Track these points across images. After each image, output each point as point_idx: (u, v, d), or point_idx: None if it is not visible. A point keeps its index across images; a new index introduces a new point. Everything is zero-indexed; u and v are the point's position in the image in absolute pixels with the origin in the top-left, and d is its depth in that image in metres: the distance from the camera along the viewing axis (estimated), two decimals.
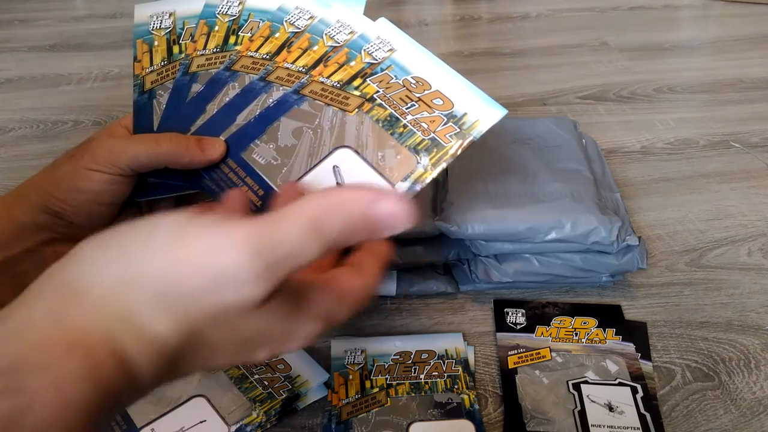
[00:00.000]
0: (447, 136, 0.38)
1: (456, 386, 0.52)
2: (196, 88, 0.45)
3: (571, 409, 0.50)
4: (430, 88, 0.39)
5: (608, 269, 0.60)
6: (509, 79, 1.07)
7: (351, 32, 0.44)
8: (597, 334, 0.57)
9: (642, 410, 0.50)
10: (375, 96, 0.40)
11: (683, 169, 0.81)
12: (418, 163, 0.37)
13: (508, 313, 0.60)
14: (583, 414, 0.50)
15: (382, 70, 0.41)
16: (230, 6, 0.46)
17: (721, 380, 0.53)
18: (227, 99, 0.44)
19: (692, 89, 1.02)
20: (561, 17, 1.36)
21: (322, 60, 0.43)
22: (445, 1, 1.54)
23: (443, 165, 0.37)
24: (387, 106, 0.39)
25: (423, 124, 0.38)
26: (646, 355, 0.55)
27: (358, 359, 0.55)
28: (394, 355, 0.55)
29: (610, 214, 0.60)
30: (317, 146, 0.40)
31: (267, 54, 0.44)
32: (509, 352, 0.56)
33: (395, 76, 0.40)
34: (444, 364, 0.54)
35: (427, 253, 0.61)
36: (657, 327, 0.58)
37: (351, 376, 0.53)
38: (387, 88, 0.40)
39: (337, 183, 0.37)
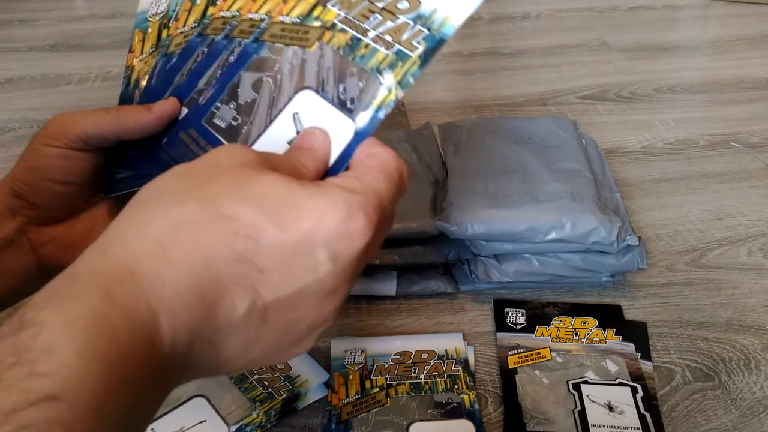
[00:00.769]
0: (413, 42, 0.33)
1: (456, 386, 0.52)
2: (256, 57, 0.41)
3: (571, 409, 0.50)
4: None
5: (608, 269, 0.60)
6: (509, 79, 1.07)
7: None
8: (597, 334, 0.57)
9: (642, 410, 0.50)
10: (336, 21, 0.36)
11: (683, 169, 0.81)
12: (381, 84, 0.33)
13: (508, 313, 0.60)
14: (583, 414, 0.50)
15: None
16: None
17: (721, 380, 0.53)
18: (194, 66, 0.41)
19: (692, 89, 1.02)
20: (561, 17, 1.36)
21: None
22: None
23: (410, 81, 0.33)
24: (348, 29, 0.35)
25: (387, 37, 0.34)
26: (646, 355, 0.55)
27: (358, 359, 0.55)
28: (394, 355, 0.55)
29: (610, 214, 0.60)
30: (277, 95, 0.36)
31: (237, 10, 0.41)
32: (509, 352, 0.56)
33: None
34: (444, 364, 0.54)
35: (427, 253, 0.61)
36: (657, 327, 0.58)
37: (351, 376, 0.53)
38: (348, 7, 0.36)
39: (297, 132, 0.35)
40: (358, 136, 0.33)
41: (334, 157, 0.33)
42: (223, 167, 0.27)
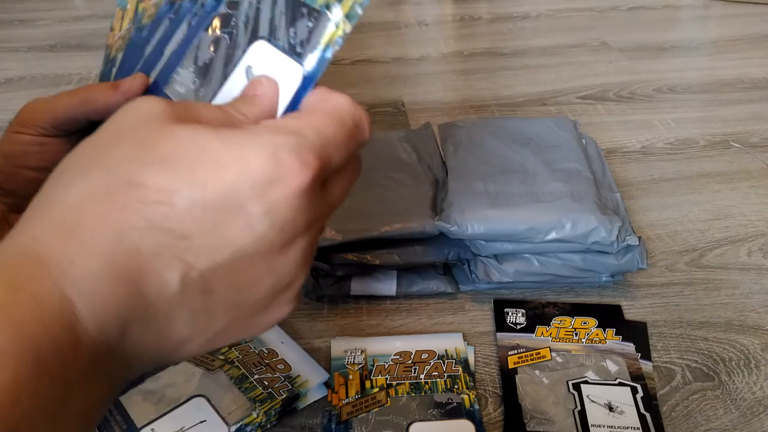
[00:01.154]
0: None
1: (456, 386, 0.52)
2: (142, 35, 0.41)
3: (571, 409, 0.50)
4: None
5: (608, 269, 0.60)
6: (509, 79, 1.07)
7: None
8: (597, 334, 0.57)
9: (642, 410, 0.50)
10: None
11: (683, 169, 0.81)
12: (329, 20, 0.31)
13: (508, 313, 0.60)
14: (583, 414, 0.50)
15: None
16: None
17: (721, 380, 0.53)
18: (161, 35, 0.39)
19: (692, 89, 1.02)
20: (561, 17, 1.36)
21: None
22: (444, 0, 1.54)
23: (358, 11, 0.31)
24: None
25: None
26: (646, 355, 0.55)
27: (358, 359, 0.55)
28: (394, 355, 0.55)
29: (610, 214, 0.60)
30: (232, 50, 0.35)
31: None
32: (509, 352, 0.56)
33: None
34: (444, 364, 0.54)
35: (427, 253, 0.61)
36: (657, 327, 0.58)
37: (351, 376, 0.53)
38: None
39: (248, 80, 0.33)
40: (306, 81, 0.31)
41: (282, 106, 0.31)
42: (127, 128, 0.24)
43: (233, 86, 0.34)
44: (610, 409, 0.50)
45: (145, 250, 0.22)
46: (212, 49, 0.36)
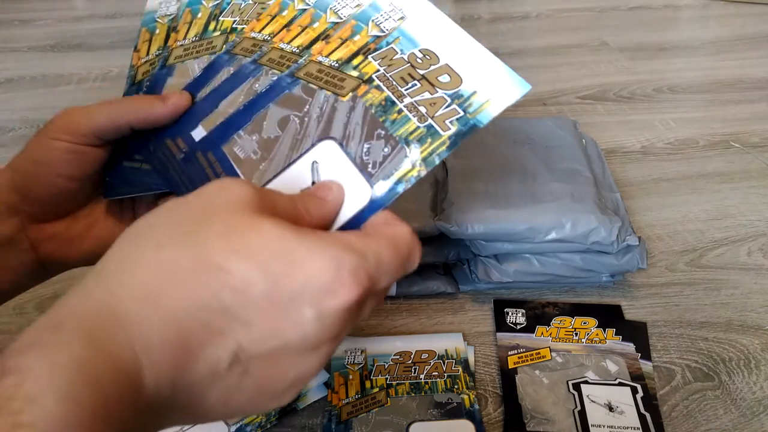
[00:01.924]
0: (447, 122, 0.32)
1: (456, 386, 0.52)
2: (172, 81, 0.41)
3: (571, 409, 0.50)
4: (438, 62, 0.34)
5: (608, 269, 0.60)
6: None
7: (358, 5, 0.38)
8: (597, 334, 0.57)
9: (642, 410, 0.50)
10: (374, 76, 0.34)
11: (683, 169, 0.81)
12: (406, 157, 0.32)
13: (508, 313, 0.60)
14: (583, 414, 0.50)
15: (388, 43, 0.35)
16: None
17: (721, 380, 0.53)
18: (218, 85, 0.39)
19: (692, 89, 1.02)
20: (561, 17, 1.36)
21: (321, 36, 0.37)
22: (444, 1, 1.54)
23: (435, 160, 0.31)
24: (385, 88, 0.34)
25: (421, 108, 0.33)
26: (646, 355, 0.55)
27: (358, 359, 0.55)
28: (394, 355, 0.55)
29: (610, 214, 0.60)
30: (301, 138, 0.35)
31: (270, 35, 0.40)
32: (509, 352, 0.56)
33: (401, 50, 0.35)
34: (444, 364, 0.54)
35: (427, 253, 0.61)
36: (657, 327, 0.58)
37: (351, 376, 0.53)
38: (389, 65, 0.34)
39: (313, 182, 0.33)
40: (373, 205, 0.31)
41: (343, 219, 0.31)
42: (217, 209, 0.26)
43: (296, 175, 0.34)
44: (610, 409, 0.50)
45: (212, 327, 0.24)
46: (279, 127, 0.36)
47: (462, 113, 0.32)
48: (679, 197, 0.75)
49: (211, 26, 0.42)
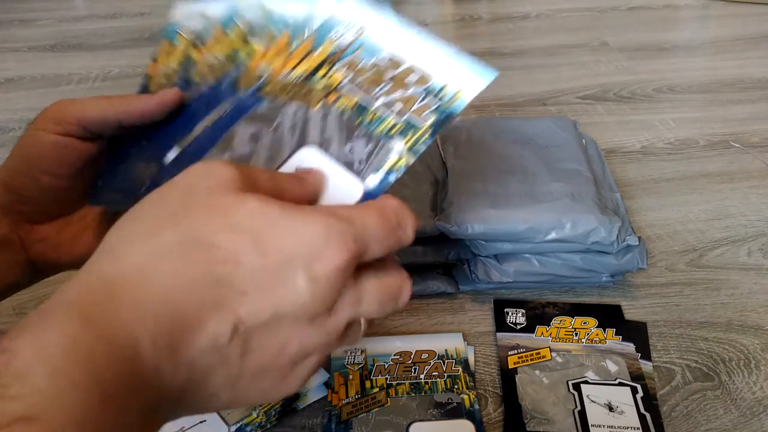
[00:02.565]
0: (424, 114, 0.33)
1: (456, 386, 0.52)
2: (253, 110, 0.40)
3: (571, 409, 0.50)
4: (404, 64, 0.35)
5: (608, 269, 0.60)
6: (509, 80, 1.07)
7: (315, 27, 0.39)
8: (597, 334, 0.57)
9: (642, 410, 0.50)
10: (341, 84, 0.35)
11: (683, 169, 0.81)
12: (391, 150, 0.33)
13: (508, 313, 0.60)
14: (583, 414, 0.50)
15: (351, 53, 0.36)
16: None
17: (721, 380, 0.53)
18: (193, 108, 0.40)
19: (692, 89, 1.02)
20: (561, 17, 1.36)
21: (283, 53, 0.38)
22: (445, 1, 1.54)
23: (421, 148, 0.32)
24: (355, 93, 0.35)
25: (396, 106, 0.34)
26: (646, 355, 0.55)
27: (358, 359, 0.55)
28: (394, 355, 0.55)
29: (610, 214, 0.60)
30: (277, 149, 0.36)
31: (246, 56, 0.40)
32: (509, 352, 0.56)
33: (365, 57, 0.36)
34: (444, 364, 0.54)
35: (427, 253, 0.61)
36: (657, 327, 0.58)
37: (351, 376, 0.53)
38: (355, 73, 0.36)
39: None
40: (368, 197, 0.32)
41: None
42: (200, 190, 0.26)
43: None
44: (610, 409, 0.50)
45: (208, 301, 0.24)
46: (251, 143, 0.36)
47: (438, 104, 0.33)
48: (679, 197, 0.75)
49: (238, 47, 0.42)
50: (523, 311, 0.60)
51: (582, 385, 0.52)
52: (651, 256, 0.66)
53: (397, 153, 0.33)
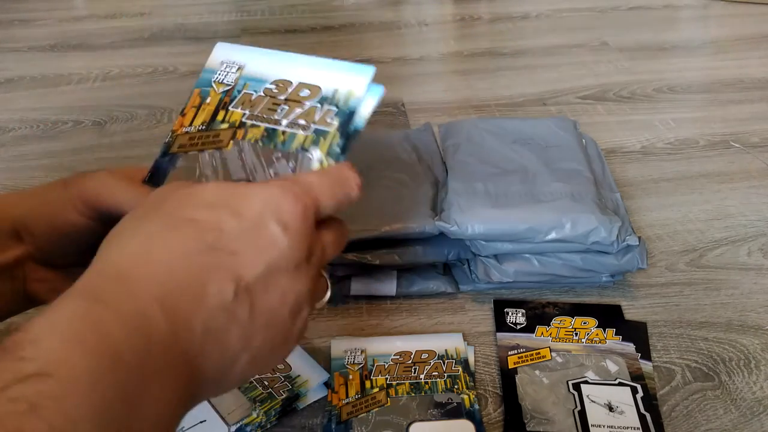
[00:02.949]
0: (328, 119, 0.36)
1: (456, 386, 0.52)
2: (173, 171, 0.39)
3: (571, 409, 0.50)
4: (293, 84, 0.38)
5: (608, 269, 0.60)
6: (509, 79, 1.07)
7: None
8: (597, 334, 0.57)
9: (642, 410, 0.50)
10: (243, 120, 0.38)
11: (683, 169, 0.81)
12: (312, 159, 0.36)
13: (508, 313, 0.60)
14: (583, 414, 0.50)
15: (239, 91, 0.39)
16: (227, 73, 0.41)
17: (721, 380, 0.53)
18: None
19: (692, 89, 1.02)
20: (561, 17, 1.36)
21: (179, 113, 0.40)
22: (445, 1, 1.54)
23: (336, 150, 0.35)
24: (259, 123, 0.37)
25: (300, 122, 0.36)
26: (646, 355, 0.55)
27: (358, 359, 0.55)
28: (394, 355, 0.55)
29: (610, 214, 0.60)
30: None
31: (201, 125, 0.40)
32: (509, 352, 0.56)
33: (254, 91, 0.39)
34: (444, 364, 0.54)
35: (427, 253, 0.61)
36: (657, 327, 0.58)
37: (351, 376, 0.53)
38: (251, 106, 0.38)
39: None
40: None
41: None
42: (167, 194, 0.30)
43: None
44: (610, 409, 0.50)
45: (206, 265, 0.27)
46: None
47: (336, 108, 0.36)
48: (679, 197, 0.76)
49: (219, 116, 0.40)
50: (523, 311, 0.60)
51: (582, 385, 0.52)
52: (651, 256, 0.66)
53: (318, 160, 0.35)
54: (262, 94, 0.38)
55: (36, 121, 0.99)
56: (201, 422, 0.49)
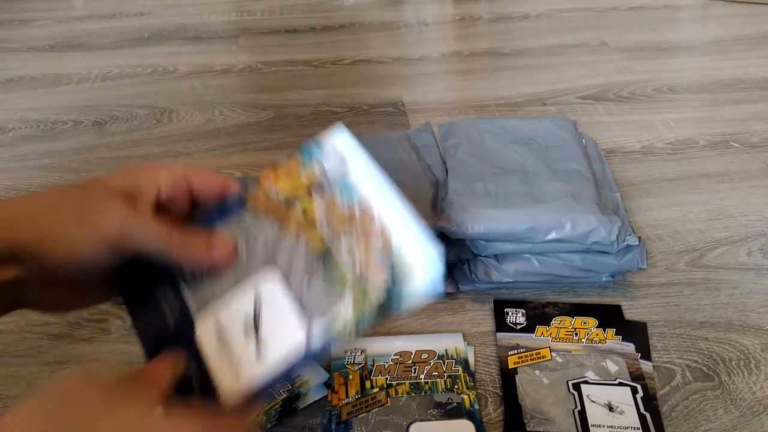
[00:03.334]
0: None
1: (456, 386, 0.52)
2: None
3: (571, 409, 0.50)
4: (374, 222, 0.36)
5: (608, 269, 0.60)
6: (509, 79, 1.07)
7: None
8: (597, 334, 0.57)
9: (642, 410, 0.50)
10: (316, 219, 0.37)
11: (683, 169, 0.81)
12: (339, 302, 0.34)
13: (508, 313, 0.60)
14: (583, 414, 0.50)
15: (331, 190, 0.38)
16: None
17: (721, 380, 0.53)
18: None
19: (692, 89, 1.02)
20: (561, 17, 1.36)
21: (273, 165, 0.40)
22: (445, 0, 1.54)
23: (362, 331, 0.33)
24: (325, 232, 0.36)
25: (357, 260, 0.35)
26: (646, 355, 0.55)
27: (358, 359, 0.55)
28: (394, 355, 0.55)
29: (610, 214, 0.60)
30: (246, 262, 0.37)
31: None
32: (509, 352, 0.56)
33: (342, 201, 0.37)
34: (444, 364, 0.54)
35: None
36: (657, 327, 0.58)
37: (351, 376, 0.53)
38: (331, 212, 0.37)
39: (255, 311, 0.35)
40: (308, 352, 0.33)
41: (278, 354, 0.33)
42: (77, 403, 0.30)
43: (239, 296, 0.36)
44: (610, 409, 0.50)
45: None
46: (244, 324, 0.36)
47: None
48: (679, 197, 0.76)
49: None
50: (523, 311, 0.60)
51: (582, 385, 0.52)
52: (651, 256, 0.66)
53: (344, 309, 0.33)
54: (346, 209, 0.37)
55: (36, 121, 0.99)
56: None
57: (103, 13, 1.47)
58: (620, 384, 0.52)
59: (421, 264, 0.34)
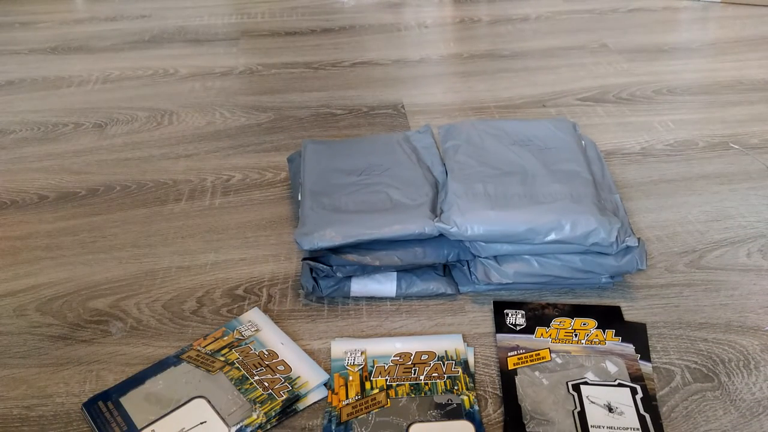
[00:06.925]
0: (281, 392, 0.51)
1: (456, 387, 0.52)
2: None
3: (571, 410, 0.50)
4: (278, 358, 0.55)
5: (608, 270, 0.60)
6: (509, 81, 1.07)
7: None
8: (596, 335, 0.57)
9: (641, 411, 0.50)
10: (234, 361, 0.55)
11: (682, 171, 0.81)
12: (253, 411, 0.50)
13: (507, 315, 0.60)
14: (582, 415, 0.50)
15: (246, 344, 0.57)
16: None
17: (721, 381, 0.53)
18: None
19: (691, 91, 1.02)
20: (561, 19, 1.36)
21: (203, 336, 0.59)
22: (444, 3, 1.54)
23: (273, 417, 0.50)
24: (241, 369, 0.54)
25: (265, 383, 0.52)
26: (646, 356, 0.55)
27: (358, 360, 0.55)
28: (394, 356, 0.55)
29: (609, 216, 0.60)
30: (176, 395, 0.52)
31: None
32: (509, 353, 0.56)
33: (254, 348, 0.56)
34: (444, 365, 0.54)
35: (427, 255, 0.61)
36: (656, 328, 0.58)
37: (351, 377, 0.53)
38: (246, 356, 0.55)
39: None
40: None
41: None
42: None
43: (172, 419, 0.50)
44: (610, 410, 0.50)
45: None
46: (164, 387, 0.53)
47: (290, 387, 0.52)
48: (678, 198, 0.76)
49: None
50: (523, 312, 0.60)
51: (582, 386, 0.52)
52: (650, 257, 0.66)
53: (257, 414, 0.50)
54: (257, 353, 0.56)
55: (36, 124, 0.99)
56: (201, 423, 0.50)
57: (104, 16, 1.47)
58: (620, 385, 0.52)
59: (311, 374, 0.53)
